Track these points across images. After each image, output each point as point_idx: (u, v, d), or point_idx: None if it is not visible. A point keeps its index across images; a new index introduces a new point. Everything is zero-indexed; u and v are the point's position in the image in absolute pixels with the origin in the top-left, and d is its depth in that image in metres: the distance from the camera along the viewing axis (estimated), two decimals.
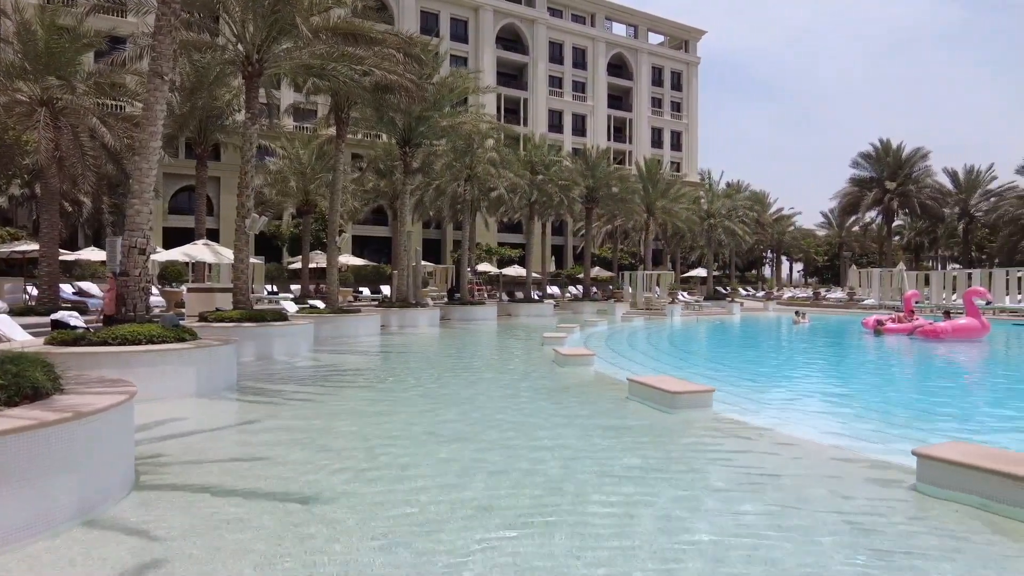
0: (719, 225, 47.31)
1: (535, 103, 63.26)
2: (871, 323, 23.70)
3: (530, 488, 5.26)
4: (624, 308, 34.71)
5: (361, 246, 49.60)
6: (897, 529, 4.46)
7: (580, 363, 13.01)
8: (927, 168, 57.25)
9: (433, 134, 25.99)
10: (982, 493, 4.82)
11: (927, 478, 5.21)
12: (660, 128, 72.59)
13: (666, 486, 5.38)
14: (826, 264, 78.81)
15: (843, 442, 7.34)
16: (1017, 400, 11.30)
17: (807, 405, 10.26)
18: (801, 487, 5.44)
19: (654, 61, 71.96)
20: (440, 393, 10.28)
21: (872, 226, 63.90)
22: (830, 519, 4.65)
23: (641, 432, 7.48)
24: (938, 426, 8.56)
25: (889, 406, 10.56)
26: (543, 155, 35.33)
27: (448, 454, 6.34)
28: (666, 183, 46.39)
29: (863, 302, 39.34)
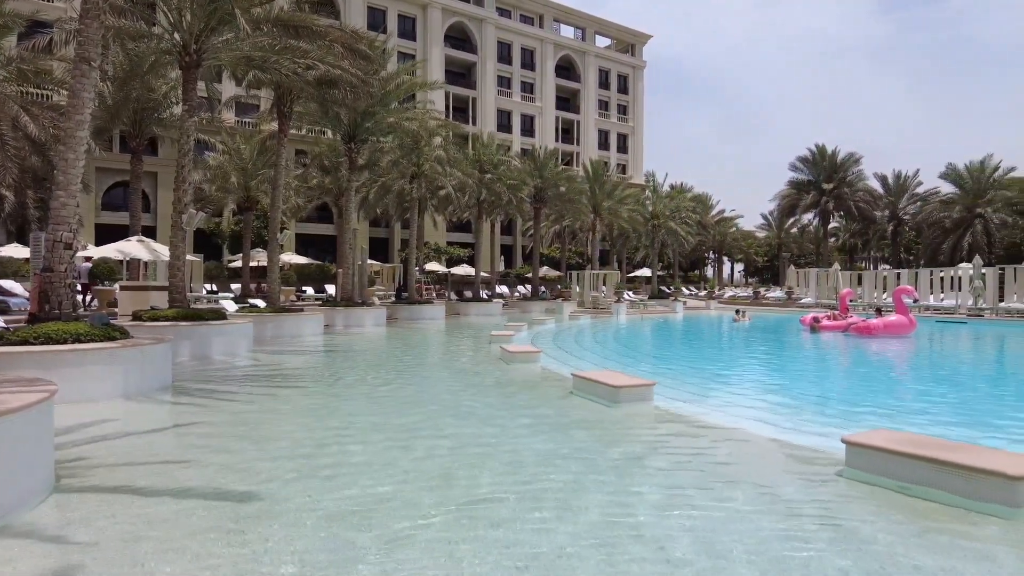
0: (663, 226, 48.27)
1: (483, 102, 63.25)
2: (808, 320, 24.57)
3: (471, 488, 5.23)
4: (572, 307, 35.03)
5: (305, 244, 48.60)
6: (824, 511, 4.62)
7: (527, 360, 13.06)
8: (860, 172, 59.89)
9: (379, 130, 25.65)
10: (902, 477, 5.05)
11: (854, 464, 5.42)
12: (607, 130, 73.62)
13: (607, 473, 5.44)
14: (766, 264, 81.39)
15: (779, 432, 7.58)
16: (938, 391, 11.90)
17: (746, 397, 10.55)
18: (736, 473, 5.59)
19: (601, 64, 72.93)
20: (384, 392, 10.14)
21: (809, 228, 66.40)
22: (763, 501, 4.80)
23: (582, 425, 7.54)
24: (867, 415, 8.93)
25: (823, 398, 10.98)
26: (492, 154, 35.34)
27: (389, 453, 6.26)
28: (612, 184, 47.06)
29: (801, 300, 40.82)
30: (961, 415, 9.35)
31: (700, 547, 3.96)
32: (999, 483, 4.57)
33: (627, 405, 8.50)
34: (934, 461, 4.90)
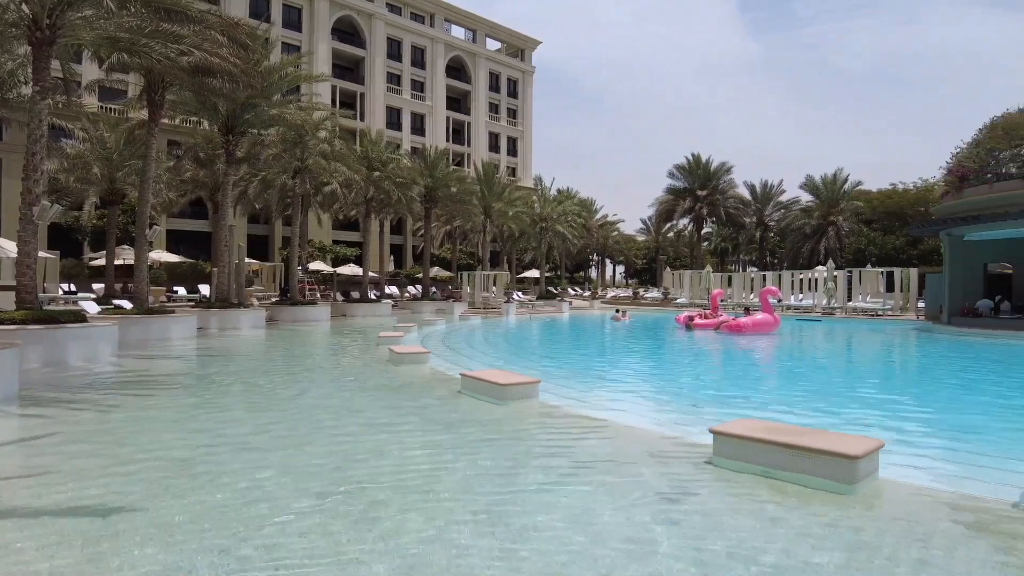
0: (551, 229, 49.48)
1: (372, 99, 62.00)
2: (683, 319, 26.08)
3: (352, 496, 5.15)
4: (462, 307, 35.13)
5: (177, 241, 45.50)
6: (692, 495, 4.96)
7: (415, 361, 12.97)
8: (731, 181, 64.23)
9: (261, 123, 24.50)
10: (764, 462, 5.51)
11: (721, 452, 5.85)
12: (497, 133, 74.39)
13: (492, 467, 5.53)
14: (645, 266, 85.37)
15: (655, 424, 8.03)
16: (799, 382, 13.05)
17: (626, 392, 11.06)
18: (614, 464, 5.86)
19: (492, 67, 73.60)
20: (260, 397, 9.71)
21: (685, 232, 70.40)
22: (638, 488, 5.07)
23: (469, 422, 7.62)
24: (736, 406, 9.64)
25: (697, 391, 11.73)
26: (381, 151, 34.73)
27: (264, 460, 6.03)
28: (502, 187, 47.64)
29: (676, 300, 43.24)
30: (816, 403, 10.31)
31: (577, 532, 4.13)
32: (842, 463, 5.10)
33: (514, 403, 8.67)
34: (789, 446, 5.38)
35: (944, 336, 23.09)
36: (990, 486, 5.42)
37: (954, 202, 25.34)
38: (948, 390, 12.54)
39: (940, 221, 26.00)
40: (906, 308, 32.27)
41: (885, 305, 32.87)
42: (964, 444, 7.69)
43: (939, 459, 6.99)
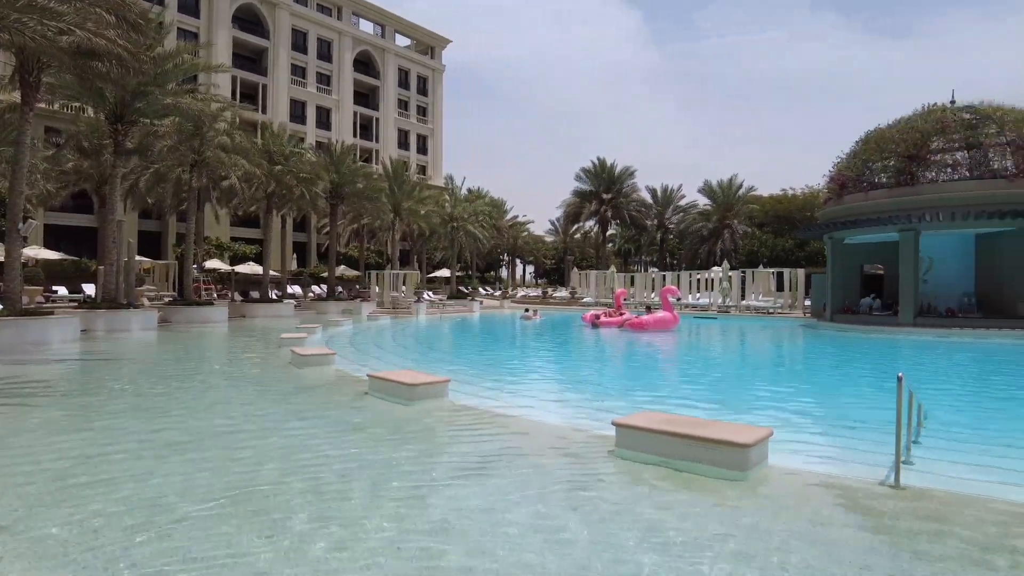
0: (462, 228, 49.47)
1: (276, 91, 59.71)
2: (589, 318, 26.76)
3: (251, 503, 4.96)
4: (371, 307, 34.46)
5: (57, 237, 42.03)
6: (597, 485, 5.11)
7: (320, 363, 12.60)
8: (634, 185, 66.55)
9: (154, 112, 23.00)
10: (663, 453, 5.75)
11: (623, 444, 6.06)
12: (407, 130, 73.51)
13: (402, 466, 5.47)
14: (554, 266, 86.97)
15: (562, 418, 8.21)
16: (697, 376, 13.69)
17: (534, 389, 11.23)
18: (524, 457, 5.94)
19: (401, 63, 72.65)
20: (149, 403, 9.14)
21: (591, 234, 72.25)
22: (546, 480, 5.17)
23: (377, 423, 7.50)
24: (638, 400, 10.00)
25: (602, 386, 12.07)
26: (283, 145, 33.48)
27: (152, 470, 5.69)
28: (412, 185, 47.13)
29: (583, 300, 44.30)
30: (712, 396, 10.86)
31: (490, 525, 4.16)
32: (735, 451, 5.41)
33: (423, 402, 8.61)
34: (686, 436, 5.65)
35: (827, 332, 24.91)
36: (865, 467, 5.90)
37: (835, 208, 27.38)
38: (830, 381, 13.56)
39: (823, 225, 28.02)
40: (794, 306, 34.56)
41: (775, 303, 35.09)
42: (844, 429, 8.34)
43: (822, 444, 7.54)
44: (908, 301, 23.64)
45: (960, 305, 24.23)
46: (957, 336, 21.49)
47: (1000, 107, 24.84)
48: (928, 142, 24.59)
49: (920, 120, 25.43)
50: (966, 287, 25.19)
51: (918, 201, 23.64)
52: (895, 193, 24.58)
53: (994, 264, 24.36)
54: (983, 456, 6.82)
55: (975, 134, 24.00)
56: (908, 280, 23.76)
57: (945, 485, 5.36)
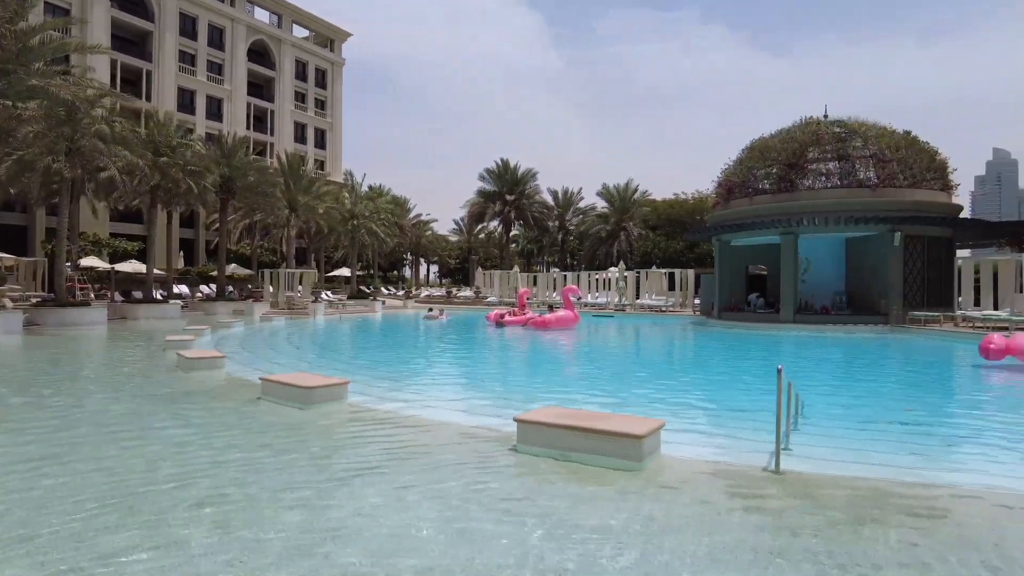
0: (362, 226, 48.33)
1: (161, 78, 55.96)
2: (494, 317, 26.91)
3: (135, 515, 4.62)
4: (264, 308, 33.02)
5: None
6: (499, 479, 5.13)
7: (209, 366, 11.93)
8: (536, 187, 67.60)
9: (16, 93, 20.89)
10: (563, 446, 5.87)
11: (524, 439, 6.12)
12: (304, 124, 71.01)
13: (299, 470, 5.27)
14: (458, 266, 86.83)
15: (466, 417, 8.19)
16: (596, 372, 14.07)
17: (438, 389, 11.15)
18: (427, 455, 5.88)
19: (298, 55, 70.09)
20: (14, 415, 8.33)
21: (495, 234, 72.74)
22: (449, 476, 5.13)
23: (271, 428, 7.19)
24: (541, 395, 10.14)
25: (506, 384, 12.16)
26: (170, 135, 31.41)
27: (17, 484, 5.18)
28: (310, 180, 45.59)
29: (487, 299, 44.51)
30: (610, 390, 11.20)
31: (386, 524, 4.08)
32: (629, 442, 5.59)
33: (321, 405, 8.34)
34: (583, 429, 5.79)
35: (716, 328, 26.32)
36: (749, 455, 6.27)
37: (722, 212, 29.01)
38: (718, 374, 14.33)
39: (712, 228, 29.61)
40: (685, 304, 36.30)
41: (668, 302, 36.72)
42: (730, 420, 8.83)
43: (711, 434, 7.95)
44: (788, 299, 25.41)
45: (833, 303, 26.34)
46: (831, 331, 23.31)
47: (864, 123, 27.22)
48: (805, 152, 26.57)
49: (798, 132, 27.44)
50: (838, 286, 27.41)
51: (796, 207, 25.47)
52: (776, 199, 26.36)
53: (861, 265, 26.64)
54: (853, 441, 7.42)
55: (845, 146, 26.16)
56: (788, 280, 25.54)
57: (820, 469, 5.79)
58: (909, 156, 25.59)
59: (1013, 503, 4.85)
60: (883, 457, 6.63)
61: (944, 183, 26.34)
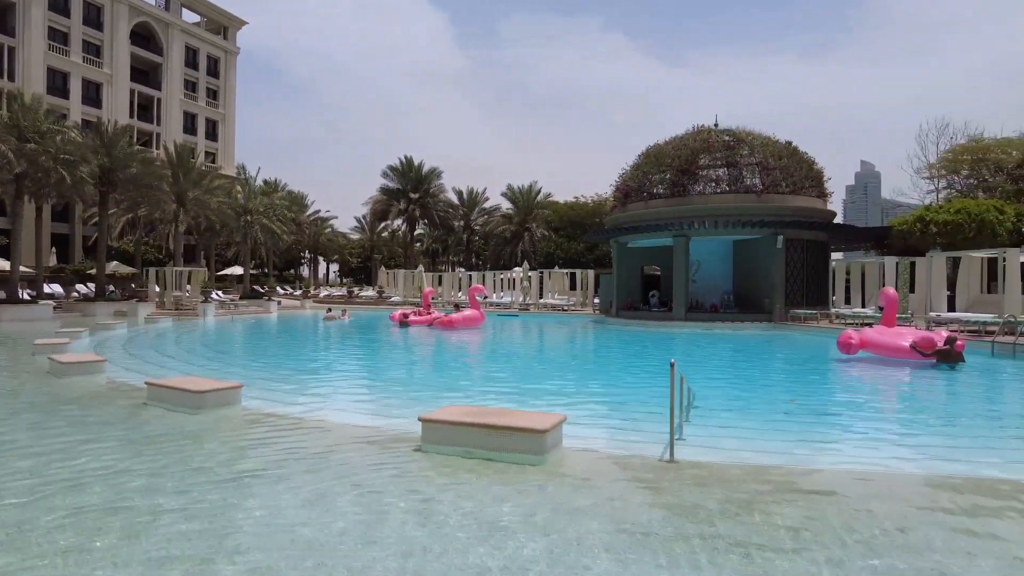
0: (257, 222, 46.30)
1: (26, 56, 51.13)
2: (397, 317, 26.53)
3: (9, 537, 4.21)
4: (149, 308, 30.95)
5: None
6: (404, 480, 5.09)
7: (86, 371, 11.05)
8: (441, 186, 67.25)
9: None
10: (467, 444, 5.89)
11: (429, 439, 6.10)
12: (194, 114, 67.15)
13: (188, 478, 4.99)
14: (360, 265, 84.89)
15: (369, 419, 8.06)
16: (501, 369, 14.19)
17: (340, 391, 10.88)
18: (325, 461, 5.73)
19: (189, 41, 66.16)
20: None
21: (399, 233, 71.70)
22: (351, 480, 5.03)
23: (159, 435, 6.76)
24: (447, 395, 10.12)
25: (411, 385, 12.04)
26: (38, 119, 28.77)
27: None
28: (200, 173, 43.19)
29: (390, 299, 43.84)
30: (515, 387, 11.33)
31: (286, 530, 3.95)
32: (532, 437, 5.70)
33: (212, 410, 7.94)
34: (488, 426, 5.85)
35: (614, 326, 27.22)
36: (646, 445, 6.54)
37: (620, 215, 30.05)
38: (616, 369, 14.84)
39: (610, 230, 30.61)
40: (585, 303, 37.31)
41: (570, 301, 37.60)
42: (627, 412, 9.18)
43: (609, 426, 8.23)
44: (680, 298, 26.67)
45: (722, 302, 27.94)
46: (719, 328, 24.68)
47: (751, 132, 29.03)
48: (697, 159, 28.00)
49: (691, 139, 28.86)
50: (726, 286, 29.09)
51: (688, 211, 26.80)
52: (670, 203, 27.62)
53: (747, 267, 28.39)
54: (740, 429, 7.91)
55: (733, 154, 27.79)
56: (680, 280, 26.81)
57: (711, 456, 6.14)
58: (790, 165, 27.53)
59: (873, 479, 5.34)
60: (768, 444, 7.12)
61: (820, 191, 28.53)
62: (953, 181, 46.34)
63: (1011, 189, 40.91)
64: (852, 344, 14.65)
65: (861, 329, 15.64)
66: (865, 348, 14.69)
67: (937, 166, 47.03)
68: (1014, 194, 39.57)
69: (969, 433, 8.09)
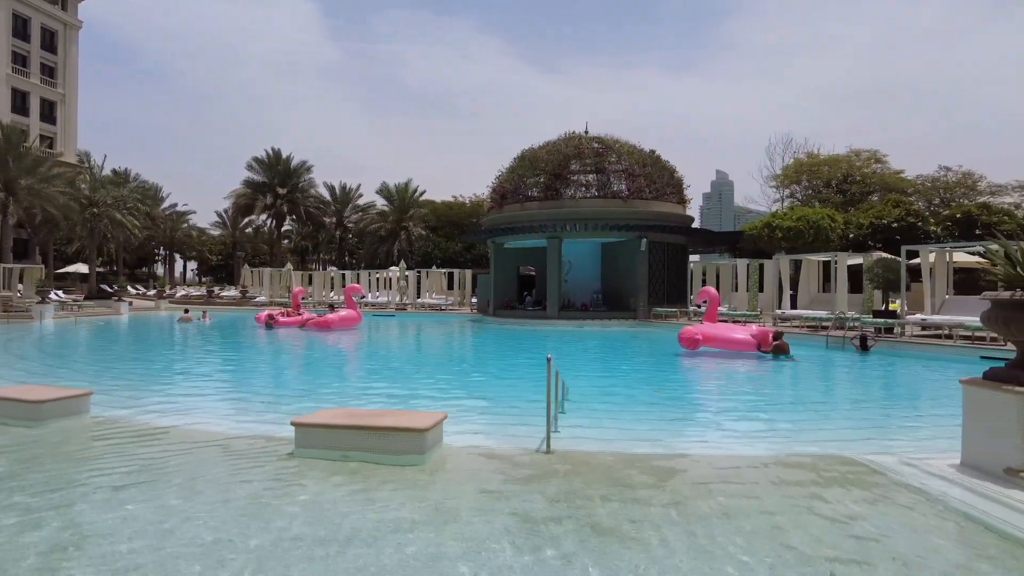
0: (105, 215, 42.30)
1: None
2: (264, 318, 25.29)
3: None
4: None
5: None
6: (277, 488, 4.92)
7: None
8: (311, 180, 64.84)
9: None
10: (345, 446, 5.78)
11: (303, 443, 5.92)
12: (26, 92, 60.04)
13: (35, 495, 4.52)
14: (221, 263, 79.90)
15: (236, 425, 7.65)
16: (380, 370, 13.95)
17: (202, 398, 10.23)
18: (189, 470, 5.40)
19: (17, 8, 59.01)
20: None
21: (264, 229, 68.23)
22: (218, 491, 4.78)
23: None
24: (323, 398, 9.81)
25: (283, 389, 11.55)
26: None
27: None
28: (35, 159, 38.81)
29: (256, 299, 41.64)
30: (394, 387, 11.20)
31: (159, 543, 3.71)
32: (413, 437, 5.70)
33: (56, 421, 7.21)
34: (366, 428, 5.78)
35: (491, 325, 27.59)
36: (524, 439, 6.74)
37: (496, 216, 30.52)
38: (494, 366, 15.09)
39: (487, 231, 31.01)
40: (463, 303, 37.50)
41: (447, 301, 37.64)
42: (506, 408, 9.39)
43: (489, 422, 8.37)
44: (554, 298, 27.55)
45: (591, 300, 29.19)
46: (589, 326, 25.75)
47: (618, 140, 30.53)
48: (568, 164, 29.03)
49: (563, 144, 29.89)
50: (595, 286, 30.41)
51: (561, 214, 27.73)
52: (544, 206, 28.45)
53: (614, 268, 29.85)
54: (610, 419, 8.35)
55: (602, 160, 29.09)
56: (553, 280, 27.69)
57: (585, 446, 6.44)
58: (654, 172, 29.24)
59: (725, 464, 5.87)
60: (636, 432, 7.58)
61: (680, 197, 30.55)
62: (795, 191, 51.40)
63: (838, 200, 46.03)
64: (696, 340, 16.03)
65: (701, 326, 17.10)
66: (708, 343, 16.15)
67: (780, 177, 51.98)
68: (841, 204, 44.54)
69: (808, 416, 9.08)
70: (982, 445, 5.18)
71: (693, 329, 16.33)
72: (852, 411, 9.72)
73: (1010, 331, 5.13)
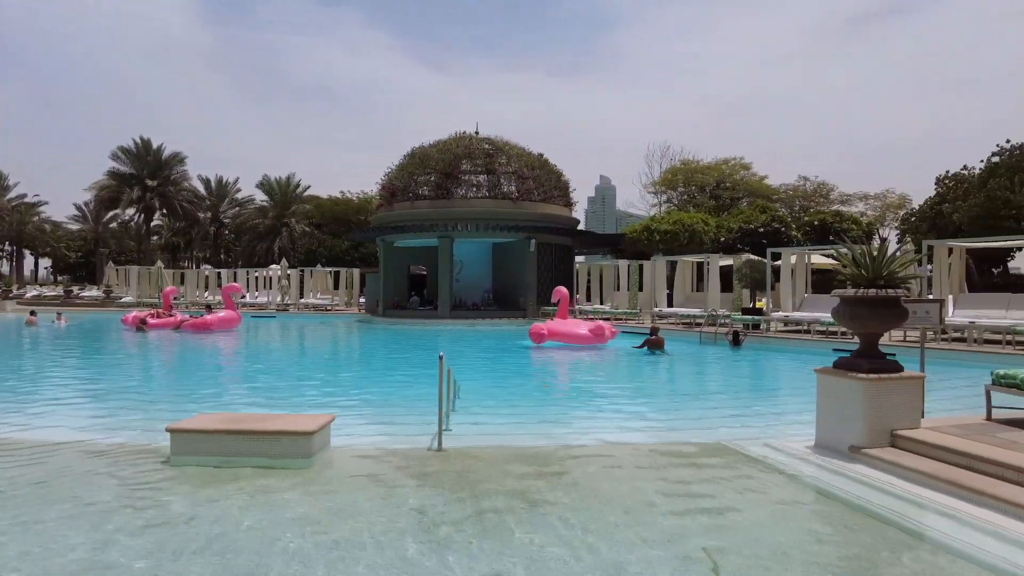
0: None
1: None
2: (132, 320, 23.48)
3: None
4: None
5: None
6: (150, 500, 4.64)
7: None
8: (185, 172, 60.80)
9: None
10: (227, 452, 5.53)
11: (180, 450, 5.60)
12: None
13: None
14: (81, 260, 73.13)
15: (103, 434, 7.11)
16: (262, 373, 13.36)
17: (62, 406, 9.37)
18: (53, 489, 4.97)
19: None
20: None
21: (132, 224, 63.20)
22: (83, 507, 4.44)
23: None
24: (198, 403, 9.26)
25: (152, 394, 10.80)
26: None
27: None
28: None
29: (121, 299, 38.51)
30: (278, 390, 10.80)
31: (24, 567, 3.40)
32: (299, 440, 5.55)
33: None
34: (249, 432, 5.57)
35: (381, 325, 27.14)
36: (416, 438, 6.72)
37: (386, 214, 30.06)
38: (385, 367, 14.90)
39: (376, 229, 30.46)
40: (351, 303, 36.58)
41: (333, 301, 36.57)
42: (397, 407, 9.32)
43: (380, 422, 8.29)
44: (445, 297, 27.53)
45: (482, 300, 29.44)
46: (480, 325, 25.95)
47: (508, 142, 31.00)
48: (459, 164, 29.14)
49: (453, 144, 29.94)
50: (486, 285, 30.70)
51: (452, 213, 27.78)
52: (435, 205, 28.38)
53: (505, 267, 30.27)
54: (500, 415, 8.51)
55: (492, 162, 29.43)
56: (445, 280, 27.67)
57: (475, 442, 6.53)
58: (542, 175, 29.94)
59: (605, 451, 6.18)
60: (526, 427, 7.79)
61: (567, 200, 31.47)
62: (672, 196, 54.41)
63: (711, 205, 49.21)
64: (543, 335, 17.36)
65: (547, 322, 18.56)
66: (552, 338, 17.44)
67: (659, 183, 54.85)
68: (714, 209, 47.65)
69: (682, 406, 9.70)
70: (832, 426, 5.79)
71: (540, 325, 17.85)
72: (724, 400, 10.48)
73: (854, 324, 5.78)
